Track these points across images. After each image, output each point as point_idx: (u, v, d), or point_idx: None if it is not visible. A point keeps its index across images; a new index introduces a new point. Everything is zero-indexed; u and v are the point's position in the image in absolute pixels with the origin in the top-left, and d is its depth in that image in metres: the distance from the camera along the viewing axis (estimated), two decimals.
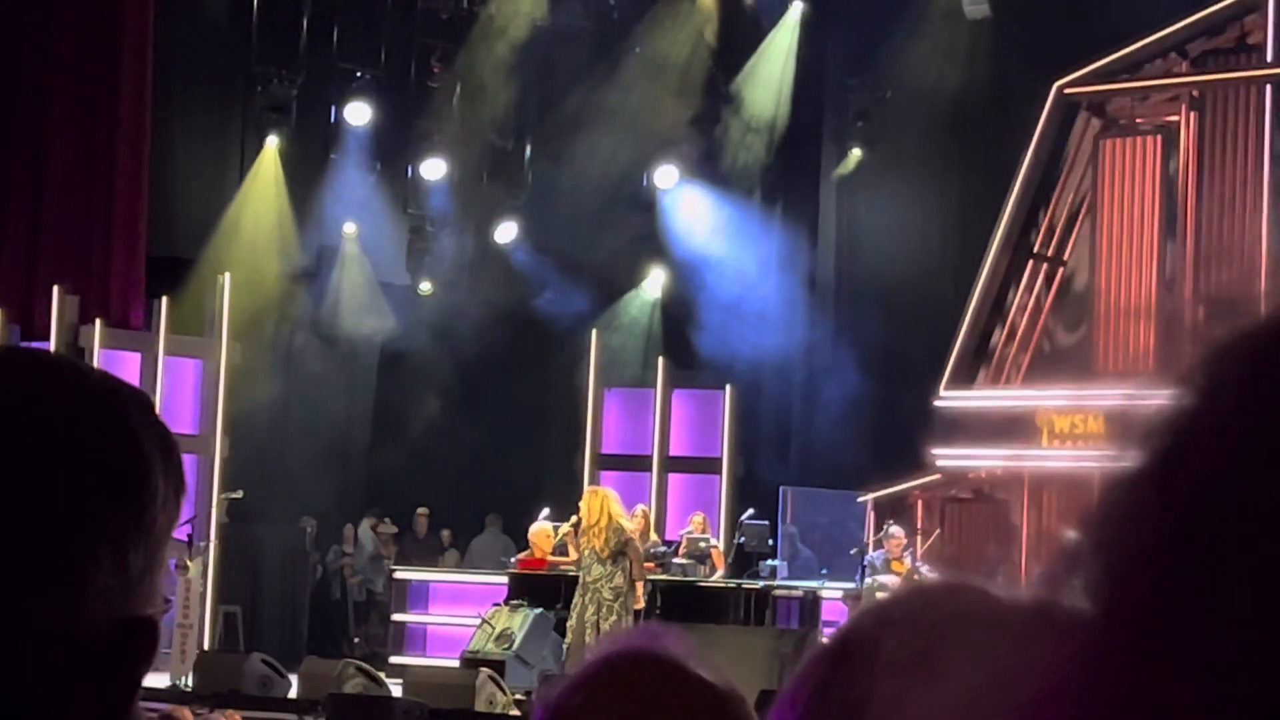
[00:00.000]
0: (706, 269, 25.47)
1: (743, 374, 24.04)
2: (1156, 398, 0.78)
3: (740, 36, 26.18)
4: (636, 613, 17.91)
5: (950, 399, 22.04)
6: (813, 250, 26.36)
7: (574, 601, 17.88)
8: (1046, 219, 22.71)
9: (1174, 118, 21.86)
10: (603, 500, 18.09)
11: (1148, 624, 0.73)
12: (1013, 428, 21.15)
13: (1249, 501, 0.72)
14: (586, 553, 17.81)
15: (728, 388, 23.39)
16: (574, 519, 18.89)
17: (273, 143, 25.26)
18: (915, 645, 1.23)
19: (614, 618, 17.43)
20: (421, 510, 25.49)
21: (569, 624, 17.91)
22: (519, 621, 18.82)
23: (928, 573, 17.97)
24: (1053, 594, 0.78)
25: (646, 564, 19.58)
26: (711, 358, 24.32)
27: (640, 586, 17.95)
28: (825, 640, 1.43)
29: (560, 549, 19.57)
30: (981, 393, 22.01)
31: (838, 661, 1.37)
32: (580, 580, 17.90)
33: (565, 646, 17.97)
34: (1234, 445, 0.73)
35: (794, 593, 19.78)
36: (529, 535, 20.72)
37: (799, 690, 1.39)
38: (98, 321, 21.95)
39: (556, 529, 19.83)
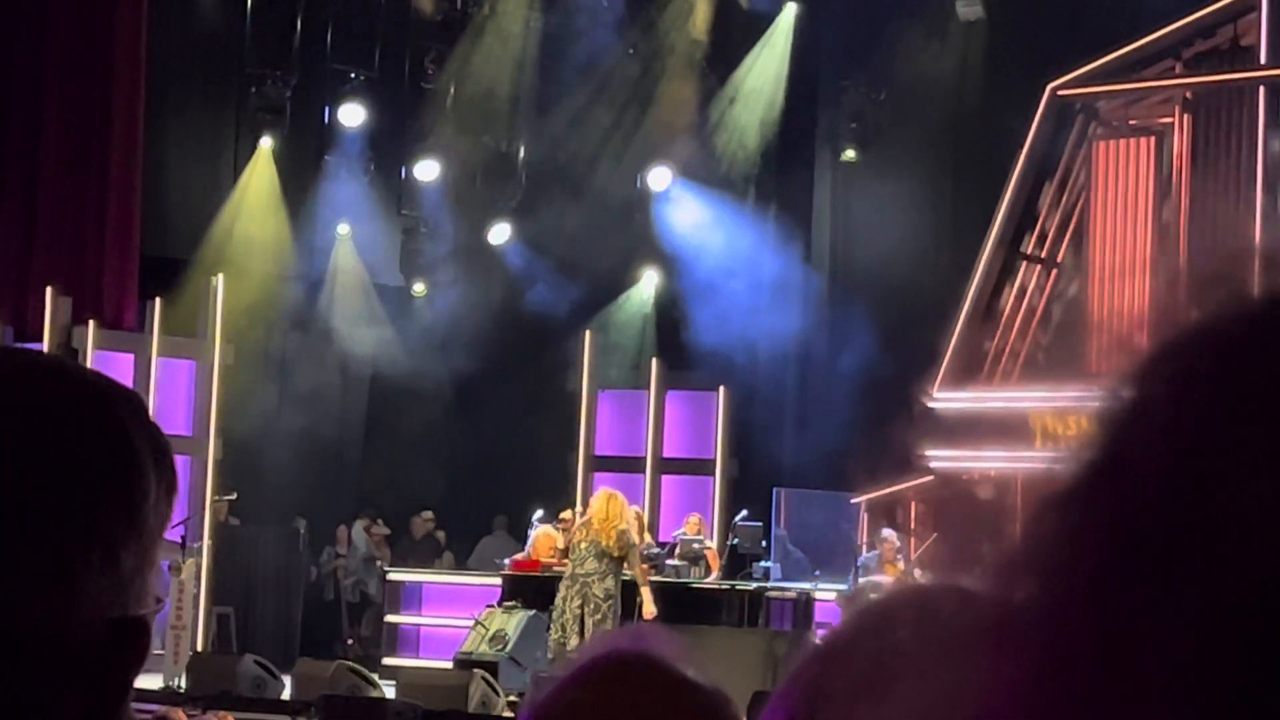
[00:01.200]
0: (700, 270, 25.47)
1: (736, 375, 24.04)
2: (1093, 401, 0.78)
3: (734, 38, 26.18)
4: (637, 615, 17.86)
5: (943, 400, 22.05)
6: (806, 252, 26.36)
7: (559, 595, 17.78)
8: (1040, 221, 22.72)
9: (1167, 119, 21.88)
10: (620, 505, 18.07)
11: (1094, 635, 0.72)
12: (1006, 429, 21.15)
13: (1190, 507, 0.71)
14: (584, 545, 17.73)
15: (721, 389, 23.39)
16: (576, 509, 18.87)
17: (266, 144, 25.25)
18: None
19: (599, 616, 17.40)
20: (426, 514, 25.46)
21: (554, 617, 17.84)
22: (512, 623, 18.82)
23: (921, 576, 17.96)
24: (995, 604, 0.77)
25: (641, 565, 19.59)
26: (705, 359, 24.32)
27: (648, 593, 17.84)
28: (817, 641, 1.44)
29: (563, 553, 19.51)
30: (975, 394, 22.02)
31: (826, 663, 1.37)
32: (570, 571, 17.81)
33: (551, 642, 17.92)
34: (1172, 450, 0.73)
35: (787, 594, 19.78)
36: (534, 538, 20.68)
37: (789, 692, 1.40)
38: (91, 323, 21.94)
39: (560, 525, 19.79)
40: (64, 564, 1.28)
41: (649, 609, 17.71)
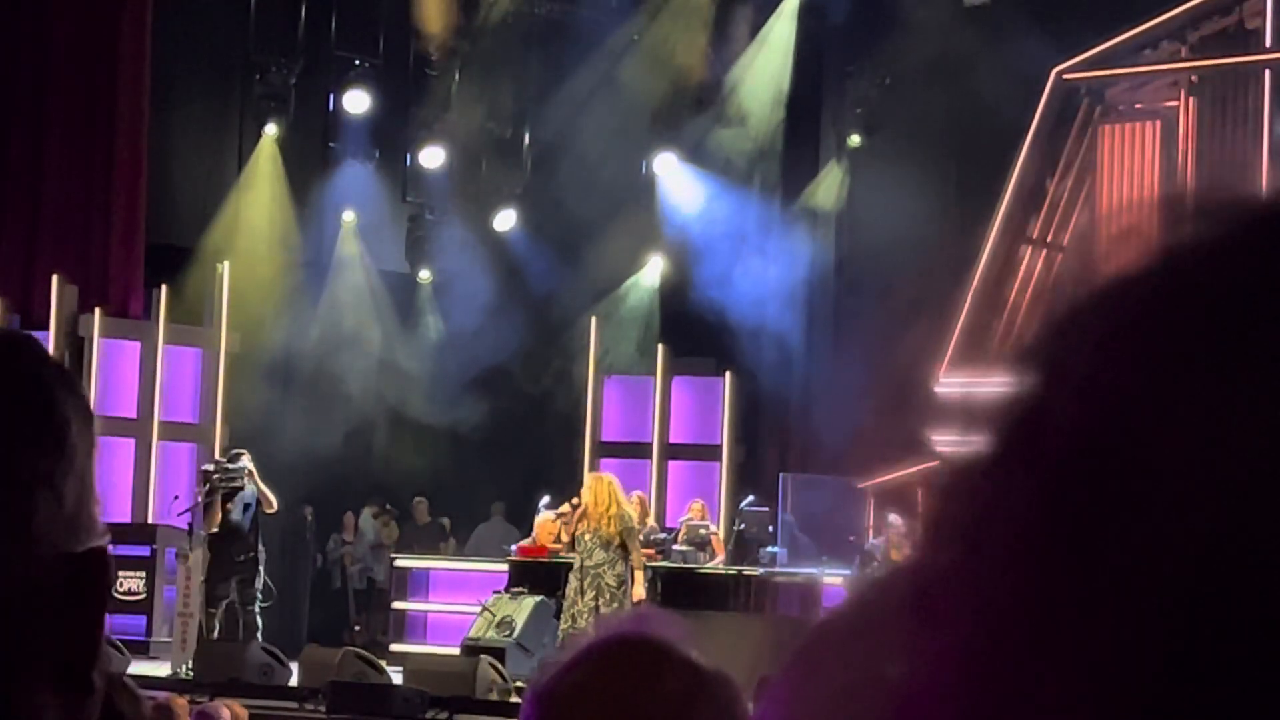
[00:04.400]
0: (705, 256, 25.45)
1: (742, 361, 24.04)
2: (1003, 381, 0.77)
3: (739, 23, 26.16)
4: (636, 601, 17.89)
5: (950, 385, 22.05)
6: (812, 237, 26.34)
7: (570, 586, 17.81)
8: (1045, 205, 22.71)
9: (1173, 103, 21.86)
10: (609, 487, 18.07)
11: (1017, 607, 0.71)
12: None
13: (1110, 471, 0.70)
14: (589, 537, 17.75)
15: (727, 375, 23.40)
16: (574, 501, 18.87)
17: (271, 131, 25.24)
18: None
19: (617, 604, 17.42)
20: (419, 499, 25.49)
21: (565, 608, 17.87)
22: (519, 609, 18.83)
23: None
24: (914, 587, 0.76)
25: (646, 550, 19.61)
26: (711, 345, 24.31)
27: (640, 576, 17.94)
28: (818, 623, 1.43)
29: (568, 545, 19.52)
30: (982, 378, 22.01)
31: (827, 648, 1.37)
32: (578, 564, 17.84)
33: (561, 632, 17.94)
34: (1083, 426, 0.72)
35: (794, 579, 19.78)
36: (535, 525, 20.69)
37: (789, 676, 1.40)
38: (97, 310, 21.97)
39: (562, 518, 19.82)
40: (12, 508, 1.28)
41: (638, 592, 17.76)
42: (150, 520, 21.88)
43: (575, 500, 18.93)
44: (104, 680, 1.31)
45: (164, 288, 22.42)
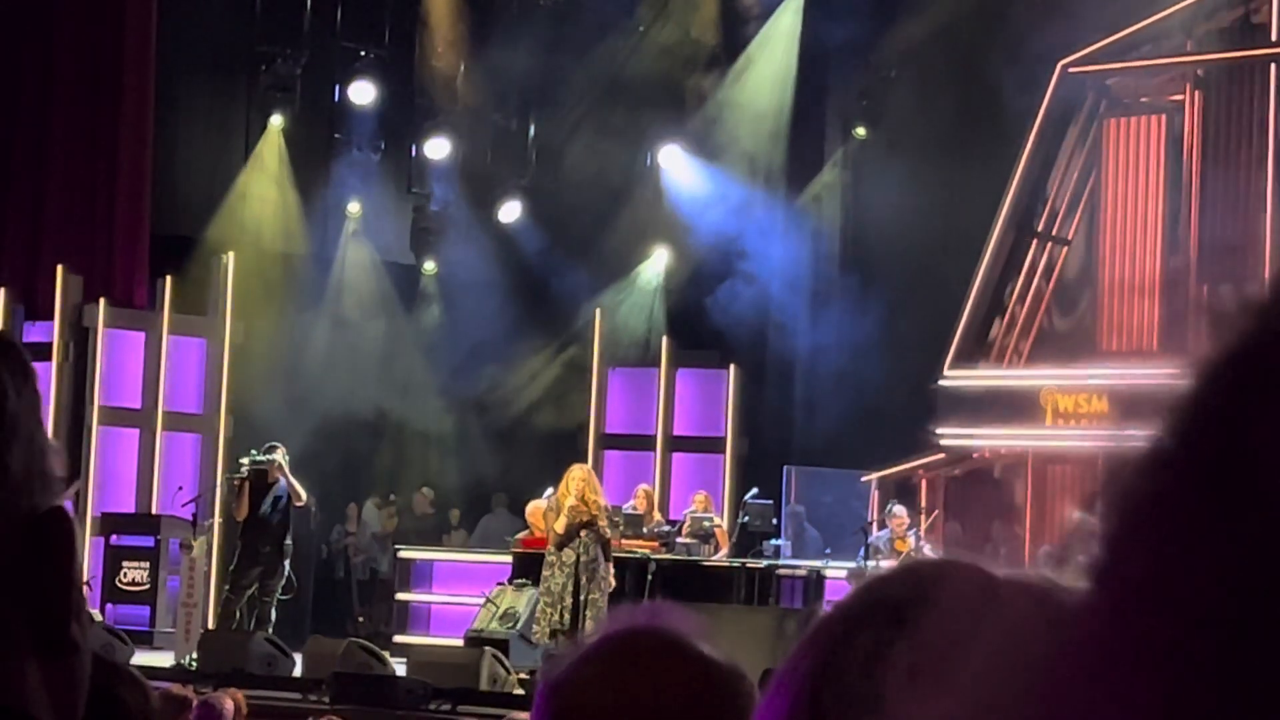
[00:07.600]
0: (710, 248, 25.44)
1: (746, 353, 24.03)
2: (1163, 377, 0.76)
3: (744, 14, 26.14)
4: (649, 592, 17.93)
5: (954, 378, 22.04)
6: (817, 229, 26.32)
7: (556, 582, 17.68)
8: (1050, 198, 22.70)
9: (1178, 97, 21.84)
10: (565, 481, 18.11)
11: (1150, 611, 0.70)
12: (1016, 407, 21.16)
13: (1250, 489, 0.70)
14: (585, 534, 17.72)
15: (731, 367, 23.39)
16: (551, 501, 18.85)
17: (276, 122, 25.23)
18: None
19: (599, 593, 17.60)
20: (422, 490, 25.50)
21: (571, 604, 17.79)
22: (523, 601, 18.83)
23: (930, 552, 17.97)
24: (1056, 576, 0.76)
25: (651, 543, 19.64)
26: (715, 337, 24.31)
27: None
28: (823, 615, 1.44)
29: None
30: (985, 372, 22.01)
31: (832, 638, 1.37)
32: (574, 559, 17.75)
33: (546, 624, 17.82)
34: (1234, 432, 0.71)
35: (798, 572, 19.78)
36: (527, 515, 20.68)
37: (796, 666, 1.40)
38: (102, 301, 21.98)
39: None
40: None
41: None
42: (154, 511, 21.90)
43: (552, 498, 18.77)
44: (86, 638, 1.29)
45: (169, 278, 22.44)
